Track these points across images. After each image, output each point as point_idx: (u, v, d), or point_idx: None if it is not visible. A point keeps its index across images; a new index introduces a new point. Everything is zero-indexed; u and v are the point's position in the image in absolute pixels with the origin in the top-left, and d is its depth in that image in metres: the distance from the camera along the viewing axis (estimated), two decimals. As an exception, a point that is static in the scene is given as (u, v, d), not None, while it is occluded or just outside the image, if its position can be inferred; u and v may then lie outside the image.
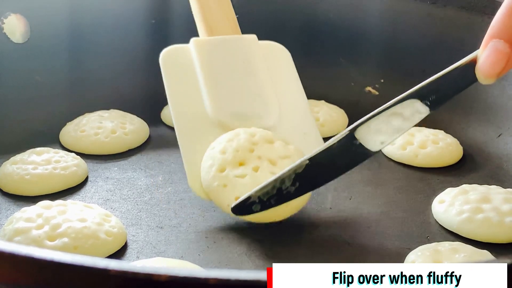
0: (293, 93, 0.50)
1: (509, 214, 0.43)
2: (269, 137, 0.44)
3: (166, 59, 0.48)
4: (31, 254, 0.24)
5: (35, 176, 0.47)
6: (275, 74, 0.50)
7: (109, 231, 0.40)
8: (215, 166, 0.42)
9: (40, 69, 0.59)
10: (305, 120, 0.49)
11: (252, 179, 0.42)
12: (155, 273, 0.23)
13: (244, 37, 0.51)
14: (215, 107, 0.46)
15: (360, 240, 0.43)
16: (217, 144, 0.44)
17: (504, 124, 0.56)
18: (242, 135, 0.44)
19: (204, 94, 0.47)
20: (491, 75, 0.36)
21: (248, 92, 0.48)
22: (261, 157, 0.43)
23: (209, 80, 0.47)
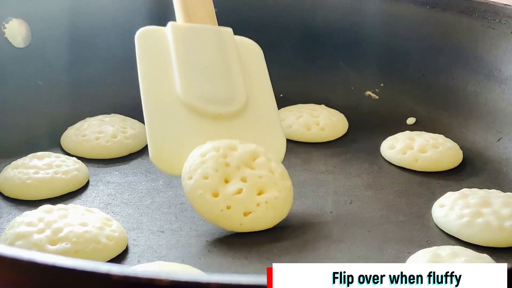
0: (261, 87, 0.51)
1: (509, 218, 0.43)
2: (231, 145, 0.45)
3: (141, 38, 0.49)
4: (33, 259, 0.24)
5: (36, 180, 0.47)
6: (246, 67, 0.51)
7: (110, 235, 0.40)
8: (208, 193, 0.42)
9: (41, 74, 0.59)
10: (270, 113, 0.50)
11: (247, 191, 0.43)
12: (156, 277, 0.23)
13: (220, 28, 0.52)
14: (185, 89, 0.47)
15: (360, 244, 0.43)
16: (193, 173, 0.43)
17: (503, 129, 0.56)
18: (208, 154, 0.44)
19: (176, 76, 0.47)
20: None
21: (218, 79, 0.49)
22: (239, 167, 0.44)
23: (182, 63, 0.48)
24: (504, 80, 0.57)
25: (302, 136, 0.57)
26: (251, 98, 0.49)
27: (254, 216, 0.42)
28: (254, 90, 0.50)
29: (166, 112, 0.46)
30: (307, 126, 0.58)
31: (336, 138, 0.58)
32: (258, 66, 0.52)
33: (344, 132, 0.59)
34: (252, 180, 0.43)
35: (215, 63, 0.50)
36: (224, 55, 0.50)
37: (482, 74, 0.59)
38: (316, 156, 0.55)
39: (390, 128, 0.58)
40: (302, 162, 0.54)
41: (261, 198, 0.43)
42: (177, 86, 0.47)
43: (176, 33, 0.49)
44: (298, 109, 0.61)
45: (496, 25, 0.58)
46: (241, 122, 0.48)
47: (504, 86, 0.57)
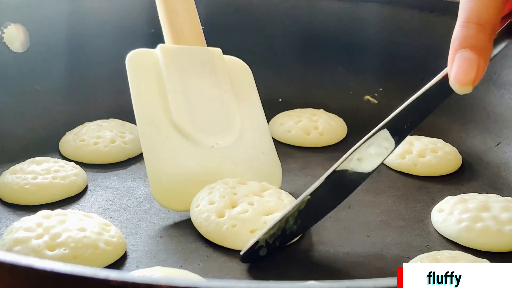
0: (254, 111, 0.51)
1: (508, 223, 0.43)
2: (240, 181, 0.45)
3: (132, 61, 0.49)
4: (31, 265, 0.24)
5: (34, 185, 0.47)
6: (237, 89, 0.51)
7: (108, 240, 0.40)
8: (214, 214, 0.42)
9: (40, 79, 0.59)
10: (264, 139, 0.50)
11: (253, 211, 0.42)
12: (155, 283, 0.23)
13: (210, 49, 0.52)
14: (179, 115, 0.47)
15: (359, 249, 0.43)
16: (200, 201, 0.44)
17: (502, 133, 0.56)
18: (217, 186, 0.44)
19: (170, 101, 0.47)
20: (466, 83, 0.37)
21: (212, 105, 0.49)
22: (247, 194, 0.44)
23: (174, 87, 0.48)
24: (502, 85, 0.57)
25: (301, 141, 0.57)
26: (245, 123, 0.49)
27: None
28: (247, 114, 0.50)
29: (162, 143, 0.46)
30: (306, 131, 0.58)
31: (335, 143, 0.58)
32: (249, 88, 0.52)
33: (343, 137, 0.59)
34: (259, 203, 0.43)
35: (208, 88, 0.49)
36: (216, 79, 0.50)
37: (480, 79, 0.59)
38: (315, 160, 0.55)
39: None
40: (301, 167, 0.54)
41: (269, 217, 0.42)
42: (172, 111, 0.47)
43: (166, 56, 0.49)
44: (297, 113, 0.60)
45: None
46: (237, 150, 0.48)
47: (503, 90, 0.57)
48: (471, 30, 0.37)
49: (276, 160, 0.49)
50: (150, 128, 0.46)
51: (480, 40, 0.37)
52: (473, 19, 0.37)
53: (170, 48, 0.50)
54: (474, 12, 0.37)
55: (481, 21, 0.37)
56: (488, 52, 0.38)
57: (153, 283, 0.23)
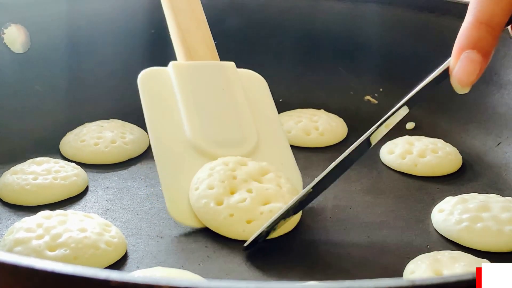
0: (271, 122, 0.50)
1: (508, 223, 0.43)
2: (241, 161, 0.45)
3: (144, 81, 0.48)
4: (32, 265, 0.24)
5: (35, 186, 0.47)
6: (253, 102, 0.50)
7: (109, 241, 0.40)
8: (212, 202, 0.43)
9: (40, 79, 0.59)
10: (283, 150, 0.49)
11: (251, 200, 0.43)
12: (155, 283, 0.23)
13: (223, 64, 0.51)
14: (194, 132, 0.46)
15: (360, 250, 0.43)
16: (199, 184, 0.44)
17: (503, 133, 0.56)
18: (217, 167, 0.44)
19: (184, 119, 0.47)
20: (467, 83, 0.38)
21: (227, 119, 0.48)
22: (246, 180, 0.44)
23: (188, 105, 0.47)
24: (503, 85, 0.57)
25: (302, 141, 0.57)
26: (262, 135, 0.49)
27: (258, 224, 0.42)
28: (263, 126, 0.49)
29: (177, 160, 0.45)
30: (307, 131, 0.58)
31: (335, 143, 0.58)
32: (265, 100, 0.51)
33: (343, 137, 0.59)
34: (258, 191, 0.43)
35: (223, 103, 0.49)
36: (231, 93, 0.49)
37: (481, 79, 0.58)
38: (315, 161, 0.55)
39: (389, 133, 0.58)
40: (302, 167, 0.54)
41: (265, 207, 0.43)
42: (186, 129, 0.46)
43: (179, 73, 0.48)
44: (297, 114, 0.61)
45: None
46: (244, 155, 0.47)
47: (503, 90, 0.57)
48: (482, 32, 0.37)
49: (296, 171, 0.49)
50: (165, 148, 0.46)
51: (488, 43, 0.37)
52: (485, 20, 0.37)
53: (182, 65, 0.49)
54: (486, 14, 0.37)
55: (492, 23, 0.37)
56: (491, 54, 0.38)
57: (154, 284, 0.23)
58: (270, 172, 0.45)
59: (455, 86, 0.38)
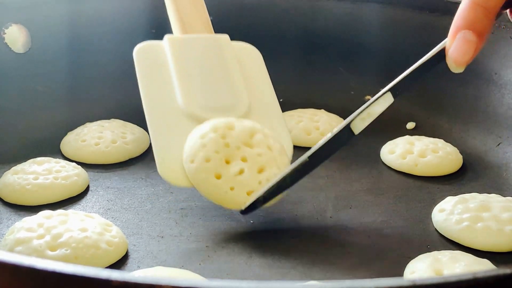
0: (264, 91, 0.51)
1: (509, 223, 0.43)
2: (229, 125, 0.45)
3: (140, 54, 0.49)
4: (33, 265, 0.24)
5: (36, 186, 0.47)
6: (247, 72, 0.51)
7: (110, 240, 0.40)
8: (211, 176, 0.43)
9: (41, 79, 0.59)
10: (274, 117, 0.50)
11: (249, 170, 0.43)
12: (156, 283, 0.23)
13: (217, 36, 0.52)
14: (186, 99, 0.47)
15: (360, 249, 0.43)
16: (194, 157, 0.44)
17: (503, 133, 0.56)
18: (208, 135, 0.44)
19: (176, 88, 0.48)
20: (462, 63, 0.40)
21: (219, 86, 0.49)
22: (239, 146, 0.44)
23: (181, 74, 0.48)
24: (503, 85, 0.57)
25: (302, 141, 0.57)
26: (254, 103, 0.50)
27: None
28: (256, 95, 0.50)
29: (170, 125, 0.46)
30: (307, 131, 0.58)
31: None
32: (258, 70, 0.52)
33: (343, 137, 0.59)
34: (252, 159, 0.44)
35: (215, 71, 0.50)
36: (223, 62, 0.50)
37: (481, 79, 0.59)
38: (316, 161, 0.55)
39: (390, 133, 0.58)
40: (302, 167, 0.54)
41: (263, 176, 0.43)
42: (179, 97, 0.47)
43: (173, 46, 0.49)
44: (298, 113, 0.61)
45: (495, 30, 0.58)
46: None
47: (503, 90, 0.57)
48: (478, 14, 0.39)
49: (286, 136, 0.49)
50: (157, 113, 0.47)
51: (484, 24, 0.39)
52: (481, 2, 0.39)
53: (177, 38, 0.50)
54: None
55: (489, 6, 0.39)
56: (487, 36, 0.40)
57: (155, 283, 0.23)
58: (258, 133, 0.45)
59: (450, 65, 0.40)
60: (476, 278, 0.24)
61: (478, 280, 0.24)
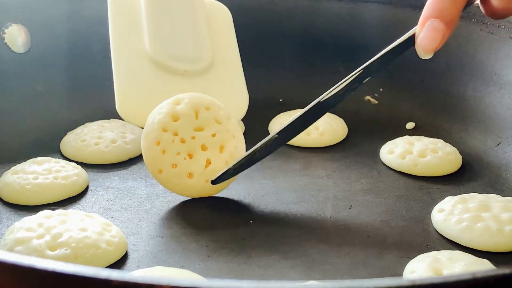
0: (228, 48, 0.54)
1: (508, 223, 0.43)
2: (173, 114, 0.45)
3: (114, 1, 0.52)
4: (33, 265, 0.24)
5: (35, 185, 0.47)
6: (214, 29, 0.54)
7: (109, 240, 0.40)
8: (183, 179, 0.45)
9: (41, 79, 0.59)
10: (235, 73, 0.54)
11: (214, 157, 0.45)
12: (156, 283, 0.23)
13: None
14: (153, 45, 0.50)
15: (360, 249, 0.43)
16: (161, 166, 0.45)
17: (503, 133, 0.56)
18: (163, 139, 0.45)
19: (145, 34, 0.50)
20: (429, 50, 0.42)
21: (186, 37, 0.52)
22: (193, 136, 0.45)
23: (151, 21, 0.51)
24: (503, 85, 0.57)
25: (302, 141, 0.57)
26: (217, 57, 0.53)
27: None
28: (221, 50, 0.53)
29: (134, 66, 0.49)
30: (307, 131, 0.57)
31: (335, 143, 0.58)
32: (226, 28, 0.55)
33: (343, 137, 0.59)
34: (210, 143, 0.45)
35: (184, 23, 0.52)
36: (193, 16, 0.53)
37: (481, 79, 0.59)
38: (315, 161, 0.55)
39: (390, 133, 0.59)
40: (302, 167, 0.54)
41: (226, 154, 0.46)
42: (146, 42, 0.50)
43: None
44: (298, 114, 0.61)
45: (495, 30, 0.58)
46: (206, 79, 0.51)
47: (503, 91, 0.57)
48: (445, 3, 0.41)
49: (244, 93, 0.53)
50: (124, 54, 0.49)
51: (451, 13, 0.41)
52: None
53: None
54: None
55: None
56: (455, 24, 0.42)
57: (155, 283, 0.23)
58: (200, 110, 0.46)
59: (419, 52, 0.43)
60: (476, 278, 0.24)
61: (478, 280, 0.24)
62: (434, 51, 0.42)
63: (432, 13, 0.41)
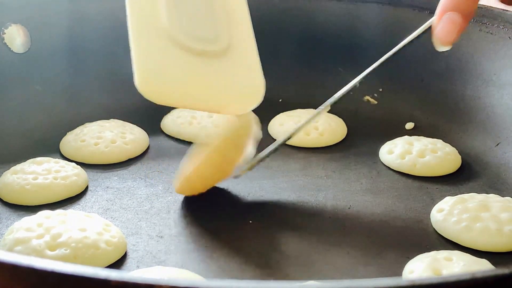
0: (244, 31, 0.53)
1: (507, 223, 0.43)
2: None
3: None
4: (32, 265, 0.24)
5: (35, 186, 0.47)
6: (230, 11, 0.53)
7: (109, 240, 0.40)
8: None
9: (40, 79, 0.59)
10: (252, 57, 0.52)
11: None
12: (156, 283, 0.23)
13: None
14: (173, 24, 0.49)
15: (359, 249, 0.43)
16: None
17: (502, 133, 0.56)
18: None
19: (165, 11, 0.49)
20: (447, 42, 0.43)
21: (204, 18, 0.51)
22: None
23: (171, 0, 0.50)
24: (502, 85, 0.57)
25: (301, 141, 0.57)
26: (233, 38, 0.52)
27: None
28: (237, 33, 0.52)
29: (153, 43, 0.48)
30: (306, 131, 0.58)
31: (335, 143, 0.58)
32: (240, 11, 0.54)
33: (343, 137, 0.59)
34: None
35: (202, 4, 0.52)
36: None
37: (480, 79, 0.59)
38: (315, 161, 0.55)
39: (389, 133, 0.59)
40: (301, 167, 0.54)
41: None
42: (165, 20, 0.49)
43: None
44: (297, 114, 0.61)
45: (494, 30, 0.58)
46: (223, 62, 0.50)
47: (502, 91, 0.57)
48: None
49: (260, 77, 0.51)
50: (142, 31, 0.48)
51: (469, 6, 0.42)
52: None
53: None
54: None
55: None
56: (472, 16, 0.43)
57: (154, 283, 0.23)
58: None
59: (437, 44, 0.44)
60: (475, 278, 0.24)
61: (477, 280, 0.24)
62: (451, 44, 0.43)
63: (449, 5, 0.42)
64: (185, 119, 0.58)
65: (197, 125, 0.58)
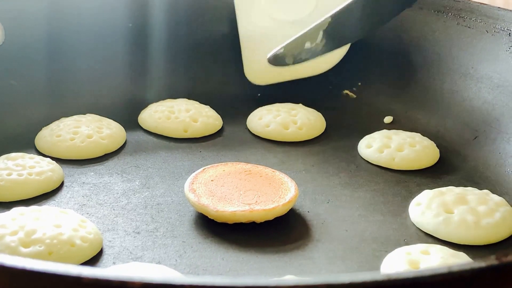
0: None
1: (485, 216, 0.43)
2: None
3: None
4: (2, 262, 0.24)
5: (9, 181, 0.46)
6: None
7: (84, 237, 0.40)
8: None
9: (15, 73, 0.59)
10: None
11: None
12: (129, 280, 0.23)
13: None
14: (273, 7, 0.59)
15: (338, 243, 0.43)
16: None
17: (480, 127, 0.56)
18: None
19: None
20: None
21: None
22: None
23: None
24: (480, 79, 0.57)
25: (280, 135, 0.57)
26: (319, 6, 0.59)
27: None
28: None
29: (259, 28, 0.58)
30: (285, 125, 0.58)
31: (313, 137, 0.58)
32: None
33: (321, 131, 0.59)
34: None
35: None
36: None
37: (458, 73, 0.59)
38: (293, 155, 0.55)
39: (368, 127, 0.59)
40: (280, 162, 0.54)
41: None
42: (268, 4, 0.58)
43: None
44: (276, 108, 0.60)
45: (472, 24, 0.58)
46: None
47: (480, 84, 0.57)
48: None
49: None
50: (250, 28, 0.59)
51: None
52: None
53: None
54: None
55: None
56: None
57: (127, 280, 0.23)
58: None
59: None
60: (451, 272, 0.24)
61: (453, 273, 0.24)
62: None
63: None
64: (163, 113, 0.58)
65: (175, 119, 0.57)
